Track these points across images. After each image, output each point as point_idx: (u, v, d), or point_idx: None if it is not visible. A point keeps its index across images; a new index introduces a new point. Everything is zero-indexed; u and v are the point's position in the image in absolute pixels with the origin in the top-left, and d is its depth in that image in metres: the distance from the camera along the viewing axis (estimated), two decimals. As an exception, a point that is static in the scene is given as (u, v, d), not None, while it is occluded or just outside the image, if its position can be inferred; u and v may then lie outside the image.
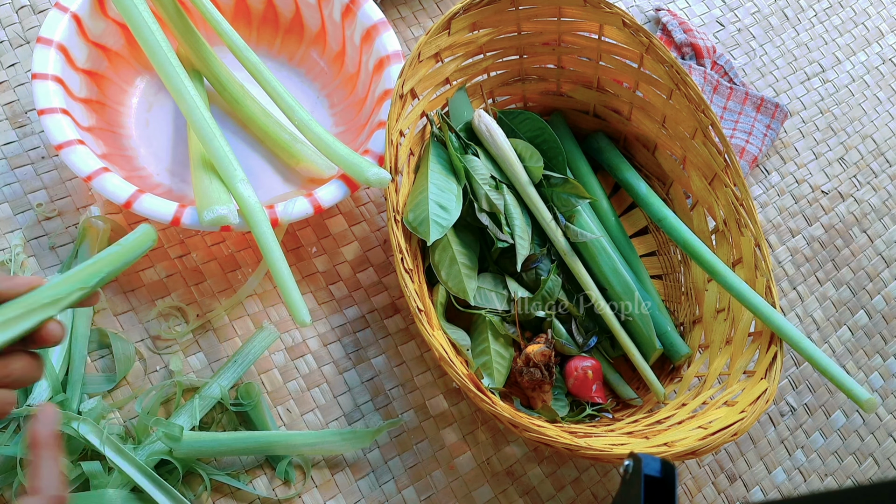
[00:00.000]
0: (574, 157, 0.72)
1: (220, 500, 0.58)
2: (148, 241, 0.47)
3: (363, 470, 0.61)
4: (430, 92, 0.66)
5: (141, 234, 0.47)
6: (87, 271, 0.43)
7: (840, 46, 0.94)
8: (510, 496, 0.63)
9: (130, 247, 0.46)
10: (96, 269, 0.44)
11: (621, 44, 0.68)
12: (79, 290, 0.42)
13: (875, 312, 0.80)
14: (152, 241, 0.48)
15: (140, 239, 0.47)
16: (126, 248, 0.46)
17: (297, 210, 0.59)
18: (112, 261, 0.45)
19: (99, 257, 0.44)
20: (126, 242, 0.46)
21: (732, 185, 0.67)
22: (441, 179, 0.63)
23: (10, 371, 0.40)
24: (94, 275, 0.43)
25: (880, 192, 0.87)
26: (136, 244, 0.46)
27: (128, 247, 0.46)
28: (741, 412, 0.56)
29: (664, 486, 0.45)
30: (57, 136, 0.58)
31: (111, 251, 0.45)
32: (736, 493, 0.69)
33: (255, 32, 0.74)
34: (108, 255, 0.45)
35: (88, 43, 0.64)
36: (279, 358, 0.64)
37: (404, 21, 0.82)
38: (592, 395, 0.64)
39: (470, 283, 0.63)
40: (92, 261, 0.44)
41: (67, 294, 0.42)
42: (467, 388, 0.53)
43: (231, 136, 0.69)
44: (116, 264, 0.45)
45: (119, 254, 0.45)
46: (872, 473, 0.74)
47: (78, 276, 0.43)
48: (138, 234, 0.47)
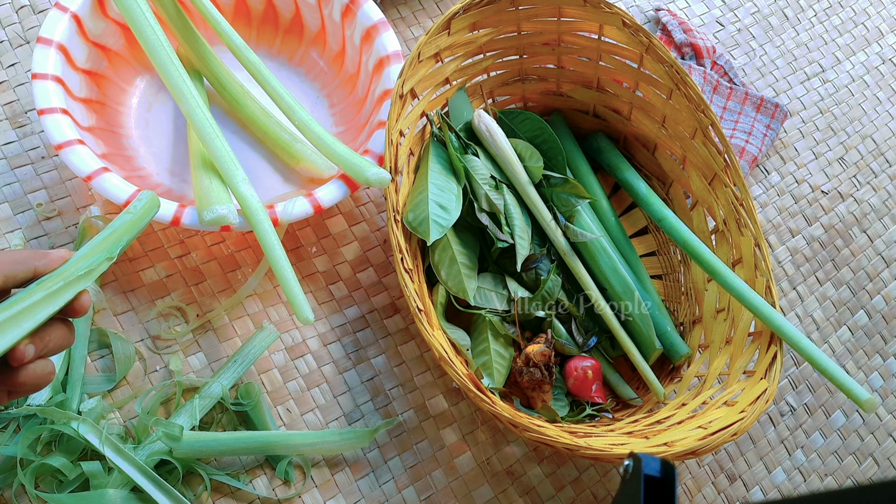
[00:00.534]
0: (574, 157, 0.72)
1: (220, 500, 0.58)
2: (154, 207, 0.49)
3: (363, 470, 0.61)
4: (429, 92, 0.66)
5: (146, 200, 0.49)
6: (109, 241, 0.45)
7: (840, 46, 0.94)
8: (510, 496, 0.63)
9: (141, 214, 0.48)
10: (116, 238, 0.46)
11: (621, 44, 0.68)
12: (107, 259, 0.45)
13: (875, 312, 0.80)
14: (157, 206, 0.50)
15: (147, 206, 0.49)
16: (138, 216, 0.48)
17: (297, 210, 0.60)
18: (128, 229, 0.47)
19: (114, 227, 0.46)
20: (135, 210, 0.48)
21: (732, 185, 0.67)
22: (441, 179, 0.63)
23: (48, 341, 0.42)
24: (114, 244, 0.45)
25: (880, 192, 0.87)
26: (145, 211, 0.48)
27: (138, 215, 0.48)
28: (741, 412, 0.56)
29: (664, 486, 0.45)
30: (57, 136, 0.58)
31: (124, 220, 0.47)
32: (736, 493, 0.69)
33: (255, 32, 0.74)
34: (123, 223, 0.47)
35: (88, 43, 0.64)
36: (279, 358, 0.64)
37: (404, 21, 0.82)
38: (592, 395, 0.64)
39: (470, 283, 0.63)
40: (109, 231, 0.46)
41: (98, 264, 0.44)
42: (467, 388, 0.53)
43: (231, 136, 0.69)
44: (132, 231, 0.47)
45: (133, 222, 0.47)
46: (872, 473, 0.74)
47: (102, 245, 0.45)
48: (143, 200, 0.49)
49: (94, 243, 0.45)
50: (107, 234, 0.46)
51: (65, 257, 0.43)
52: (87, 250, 0.44)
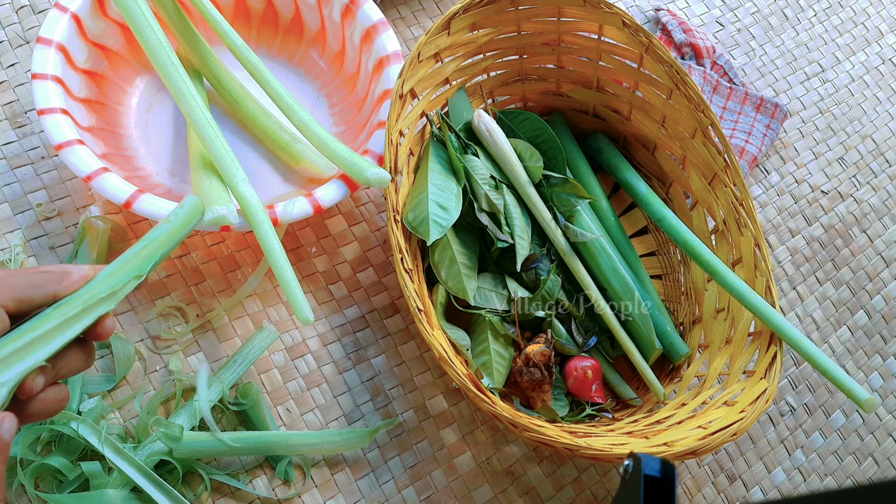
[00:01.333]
0: (574, 157, 0.72)
1: (220, 500, 0.58)
2: (198, 214, 0.43)
3: (363, 470, 0.61)
4: (429, 92, 0.66)
5: (189, 206, 0.42)
6: (140, 257, 0.40)
7: (840, 46, 0.94)
8: (510, 496, 0.63)
9: (181, 223, 0.42)
10: (149, 254, 0.40)
11: (621, 44, 0.68)
12: (135, 278, 0.40)
13: (875, 312, 0.80)
14: (202, 213, 0.43)
15: (190, 213, 0.42)
16: (177, 226, 0.42)
17: (297, 210, 0.60)
18: (164, 241, 0.41)
19: (149, 239, 0.40)
20: (175, 218, 0.42)
21: (732, 185, 0.67)
22: (441, 179, 0.63)
23: (60, 367, 0.39)
24: (147, 260, 0.40)
25: (880, 192, 0.87)
26: (187, 219, 0.42)
27: (178, 223, 0.42)
28: (741, 412, 0.56)
29: (664, 486, 0.45)
30: (57, 136, 0.58)
31: (161, 230, 0.41)
32: (736, 493, 0.69)
33: (255, 32, 0.74)
34: (159, 235, 0.41)
35: (88, 43, 0.64)
36: (279, 358, 0.64)
37: (404, 21, 0.82)
38: (592, 395, 0.64)
39: (470, 283, 0.63)
40: (142, 244, 0.40)
41: (124, 285, 0.39)
42: (467, 388, 0.53)
43: (231, 136, 0.69)
44: (169, 244, 0.41)
45: (170, 232, 0.41)
46: (872, 473, 0.74)
47: (131, 263, 0.40)
48: (186, 207, 0.42)
49: (123, 259, 0.39)
50: (139, 248, 0.40)
51: (87, 276, 0.39)
52: (113, 268, 0.39)
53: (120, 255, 0.40)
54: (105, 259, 0.62)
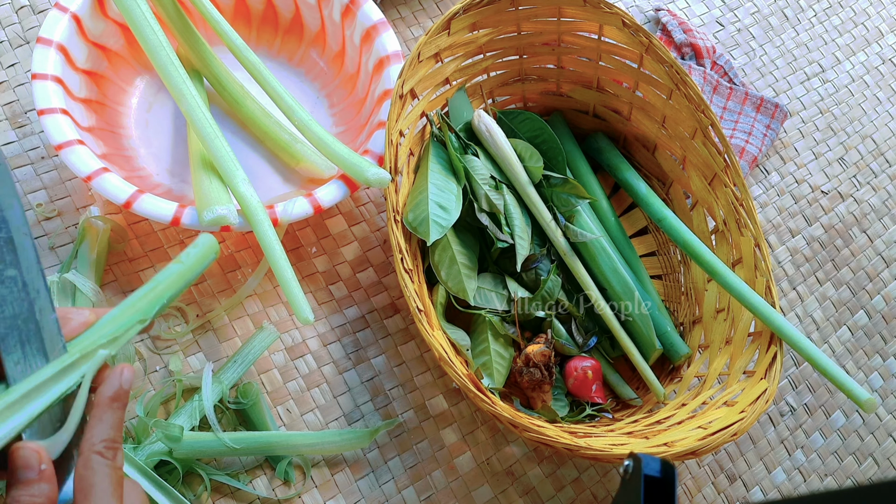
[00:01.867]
0: (574, 157, 0.72)
1: (220, 500, 0.58)
2: (211, 255, 0.41)
3: (363, 470, 0.61)
4: (429, 92, 0.66)
5: (203, 247, 0.40)
6: (146, 300, 0.38)
7: (840, 46, 0.94)
8: (510, 496, 0.63)
9: (192, 264, 0.40)
10: (156, 296, 0.38)
11: (621, 44, 0.68)
12: (139, 322, 0.37)
13: (875, 312, 0.80)
14: (215, 252, 0.41)
15: (202, 253, 0.40)
16: (188, 266, 0.39)
17: (297, 210, 0.59)
18: (173, 283, 0.38)
19: (157, 281, 0.38)
20: (187, 259, 0.39)
21: (732, 186, 0.67)
22: (441, 179, 0.63)
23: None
24: (153, 302, 0.38)
25: (880, 192, 0.87)
26: (199, 259, 0.40)
27: (189, 264, 0.39)
28: (741, 412, 0.56)
29: (664, 486, 0.45)
30: (57, 136, 0.58)
31: (171, 271, 0.39)
32: (736, 493, 0.69)
33: (255, 32, 0.74)
34: (168, 276, 0.38)
35: (88, 43, 0.64)
36: (279, 358, 0.64)
37: (404, 21, 0.82)
38: (592, 395, 0.64)
39: (470, 283, 0.63)
40: (150, 286, 0.38)
41: (126, 329, 0.37)
42: (467, 388, 0.53)
43: (231, 136, 0.69)
44: (178, 286, 0.39)
45: (181, 273, 0.39)
46: (872, 473, 0.74)
47: (136, 307, 0.37)
48: (199, 247, 0.40)
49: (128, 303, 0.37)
50: (146, 291, 0.37)
51: (89, 322, 0.36)
52: (117, 312, 0.37)
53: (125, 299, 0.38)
54: (105, 259, 0.62)
